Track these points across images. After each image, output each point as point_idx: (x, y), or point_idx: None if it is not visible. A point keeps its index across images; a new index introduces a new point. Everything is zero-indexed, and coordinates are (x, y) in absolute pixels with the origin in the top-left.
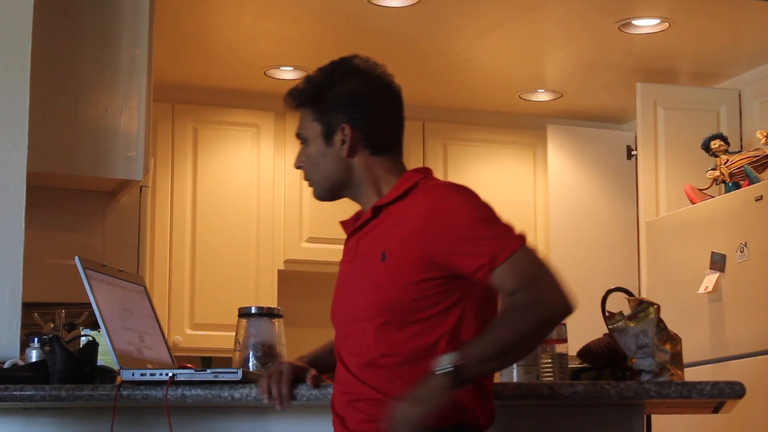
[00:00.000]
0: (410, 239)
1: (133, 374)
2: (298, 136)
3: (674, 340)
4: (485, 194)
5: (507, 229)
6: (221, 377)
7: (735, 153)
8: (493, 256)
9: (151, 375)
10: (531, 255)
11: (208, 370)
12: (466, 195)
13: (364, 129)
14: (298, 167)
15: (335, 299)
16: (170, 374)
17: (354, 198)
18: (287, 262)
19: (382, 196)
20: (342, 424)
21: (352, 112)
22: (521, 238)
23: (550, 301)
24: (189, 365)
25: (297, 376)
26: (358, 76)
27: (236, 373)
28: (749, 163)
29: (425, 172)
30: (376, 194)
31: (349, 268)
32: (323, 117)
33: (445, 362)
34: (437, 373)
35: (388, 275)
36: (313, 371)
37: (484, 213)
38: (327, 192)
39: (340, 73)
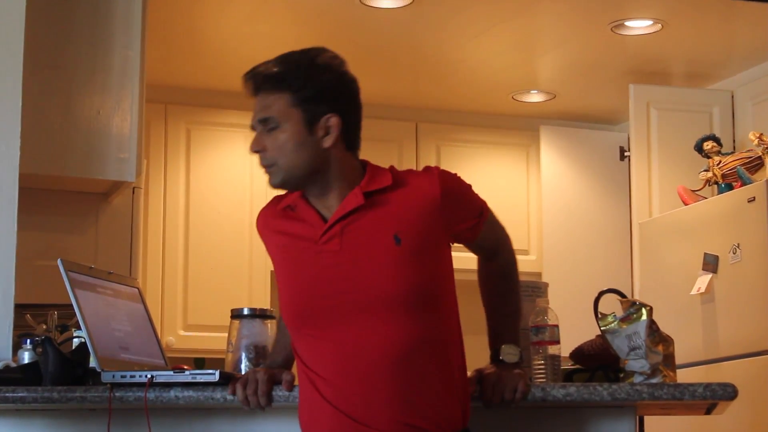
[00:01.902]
0: (428, 219)
1: (113, 376)
2: (265, 120)
3: (667, 341)
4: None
5: (473, 192)
6: (199, 378)
7: (728, 154)
8: (480, 216)
9: (131, 377)
10: (494, 214)
11: (187, 372)
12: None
13: (346, 122)
14: (257, 152)
15: (313, 290)
16: (149, 376)
17: (318, 189)
18: None
19: (356, 185)
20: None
21: (339, 104)
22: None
23: (515, 258)
24: (185, 366)
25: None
26: (341, 68)
27: (213, 374)
28: (742, 165)
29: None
30: (348, 188)
31: (332, 257)
32: (306, 104)
33: (514, 351)
34: (512, 362)
35: (410, 257)
36: (287, 374)
37: (466, 185)
38: (294, 180)
39: (324, 62)
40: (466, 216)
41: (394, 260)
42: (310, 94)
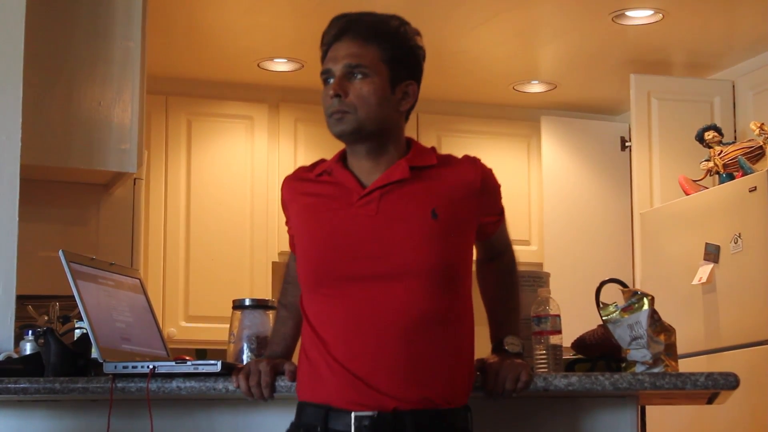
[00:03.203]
0: (465, 202)
1: (115, 367)
2: (356, 67)
3: (668, 331)
4: None
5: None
6: (201, 369)
7: (729, 144)
8: (500, 215)
9: (133, 368)
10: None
11: (188, 363)
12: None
13: (417, 94)
14: (337, 94)
15: (340, 250)
16: (151, 366)
17: (374, 150)
18: (282, 254)
19: (402, 157)
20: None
21: (417, 74)
22: None
23: (516, 261)
24: (187, 357)
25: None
26: (421, 42)
27: (215, 365)
28: (743, 154)
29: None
30: (397, 156)
31: (367, 221)
32: (394, 64)
33: (516, 342)
34: (514, 351)
35: (443, 233)
36: (289, 365)
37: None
38: (363, 132)
39: (411, 32)
40: (493, 211)
41: (429, 233)
42: (398, 56)
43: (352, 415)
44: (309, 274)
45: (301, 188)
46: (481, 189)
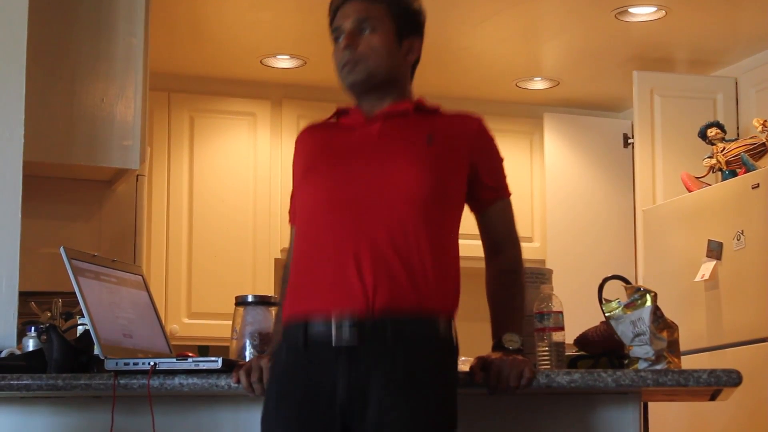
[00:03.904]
0: (459, 142)
1: (116, 363)
2: (365, 21)
3: (671, 327)
4: None
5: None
6: (202, 366)
7: (732, 141)
8: (501, 192)
9: (134, 364)
10: (512, 208)
11: (189, 359)
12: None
13: (421, 51)
14: (348, 46)
15: (338, 169)
16: (152, 363)
17: (382, 99)
18: (284, 250)
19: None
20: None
21: (420, 31)
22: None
23: (522, 260)
24: (189, 354)
25: None
26: (421, 6)
27: (216, 361)
28: (746, 151)
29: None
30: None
31: (368, 143)
32: (400, 19)
33: (516, 338)
34: (513, 348)
35: (435, 158)
36: None
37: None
38: (373, 80)
39: None
40: (489, 172)
41: (422, 157)
42: (403, 12)
43: (332, 320)
44: (307, 205)
45: (313, 132)
46: (476, 137)
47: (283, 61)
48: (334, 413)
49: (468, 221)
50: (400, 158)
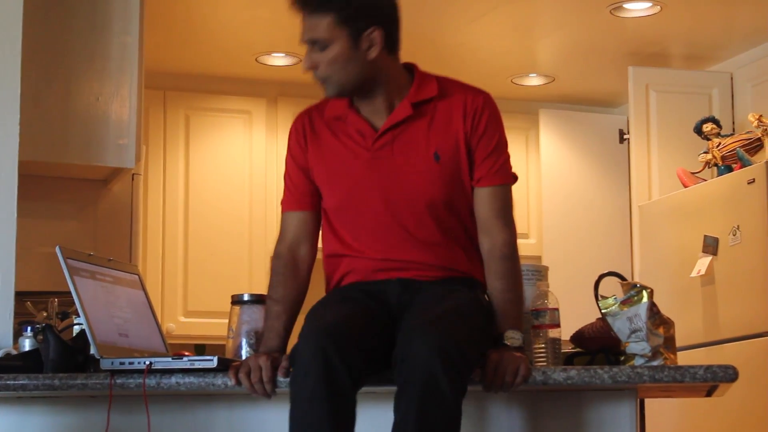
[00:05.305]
0: (460, 137)
1: (112, 363)
2: (314, 41)
3: (667, 323)
4: None
5: (509, 158)
6: (197, 365)
7: (727, 136)
8: (493, 179)
9: (130, 363)
10: (511, 193)
11: (185, 358)
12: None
13: (388, 31)
14: (310, 69)
15: (359, 188)
16: (147, 362)
17: (367, 96)
18: None
19: (403, 91)
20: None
21: (380, 16)
22: (514, 177)
23: (516, 243)
24: (185, 353)
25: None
26: None
27: (211, 360)
28: (741, 146)
29: (418, 67)
30: (395, 90)
31: (384, 164)
32: (350, 21)
33: (517, 336)
34: (515, 345)
35: (443, 174)
36: (285, 361)
37: (505, 136)
38: (347, 91)
39: None
40: (488, 145)
41: (432, 175)
42: (352, 13)
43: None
44: (334, 205)
45: (320, 129)
46: (473, 116)
47: (279, 59)
48: (382, 307)
49: None
50: (415, 178)
